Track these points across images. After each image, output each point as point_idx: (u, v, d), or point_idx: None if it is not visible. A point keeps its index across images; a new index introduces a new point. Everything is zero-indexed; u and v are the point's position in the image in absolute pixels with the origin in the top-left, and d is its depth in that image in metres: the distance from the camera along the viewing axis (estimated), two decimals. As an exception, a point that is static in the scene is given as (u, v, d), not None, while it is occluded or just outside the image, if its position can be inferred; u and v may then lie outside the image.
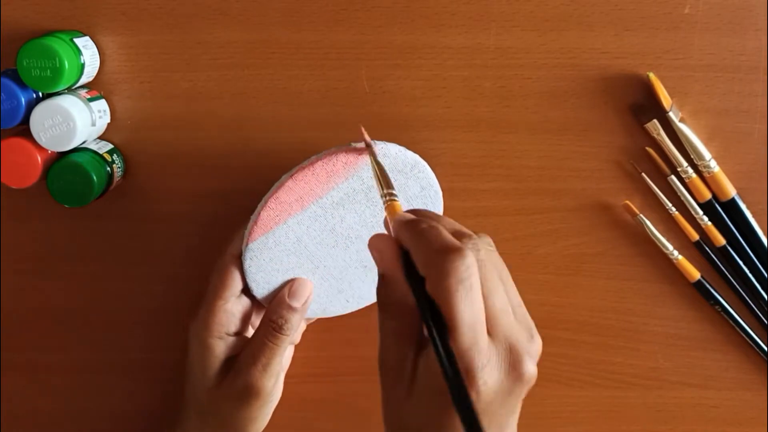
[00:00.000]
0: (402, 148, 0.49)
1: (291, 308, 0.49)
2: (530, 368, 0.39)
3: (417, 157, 0.50)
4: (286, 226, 0.49)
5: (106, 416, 0.58)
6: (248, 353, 0.49)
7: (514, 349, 0.39)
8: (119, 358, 0.58)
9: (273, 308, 0.50)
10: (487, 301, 0.39)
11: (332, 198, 0.49)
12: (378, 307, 0.42)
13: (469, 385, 0.37)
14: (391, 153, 0.49)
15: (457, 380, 0.36)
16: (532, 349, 0.39)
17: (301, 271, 0.51)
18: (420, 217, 0.42)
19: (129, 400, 0.58)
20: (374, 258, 0.42)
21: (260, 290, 0.51)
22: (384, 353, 0.41)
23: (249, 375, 0.48)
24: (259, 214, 0.49)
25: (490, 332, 0.38)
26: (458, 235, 0.40)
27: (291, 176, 0.49)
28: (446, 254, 0.38)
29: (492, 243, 0.41)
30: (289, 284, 0.50)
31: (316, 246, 0.50)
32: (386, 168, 0.47)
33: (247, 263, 0.50)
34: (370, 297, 0.53)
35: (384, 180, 0.45)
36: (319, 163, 0.48)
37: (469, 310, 0.37)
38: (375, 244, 0.42)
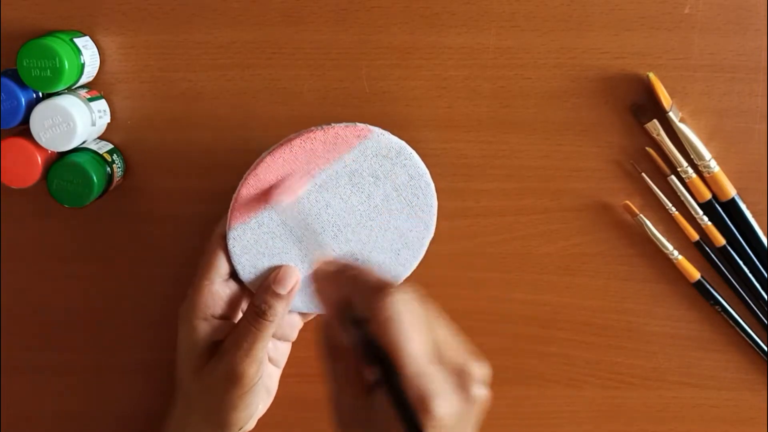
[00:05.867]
0: (385, 132, 0.49)
1: (276, 294, 0.49)
2: (480, 390, 0.40)
3: (402, 143, 0.49)
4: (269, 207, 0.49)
5: (107, 416, 0.58)
6: (232, 338, 0.49)
7: (462, 373, 0.40)
8: (119, 358, 0.58)
9: (258, 293, 0.50)
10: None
11: (315, 180, 0.49)
12: (324, 352, 0.44)
13: (426, 412, 0.38)
14: (373, 136, 0.49)
15: (409, 414, 0.38)
16: (478, 372, 0.41)
17: (289, 258, 0.51)
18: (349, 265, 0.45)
19: (129, 400, 0.58)
20: (320, 303, 0.47)
21: (247, 274, 0.50)
22: (338, 396, 0.43)
23: (231, 359, 0.48)
24: (239, 191, 0.49)
25: (436, 360, 0.40)
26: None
27: (270, 153, 0.49)
28: (380, 292, 0.40)
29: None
30: (275, 270, 0.50)
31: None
32: (372, 153, 0.48)
33: (231, 243, 0.50)
34: None
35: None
36: (298, 140, 0.48)
37: (411, 340, 0.39)
38: (321, 289, 0.47)
